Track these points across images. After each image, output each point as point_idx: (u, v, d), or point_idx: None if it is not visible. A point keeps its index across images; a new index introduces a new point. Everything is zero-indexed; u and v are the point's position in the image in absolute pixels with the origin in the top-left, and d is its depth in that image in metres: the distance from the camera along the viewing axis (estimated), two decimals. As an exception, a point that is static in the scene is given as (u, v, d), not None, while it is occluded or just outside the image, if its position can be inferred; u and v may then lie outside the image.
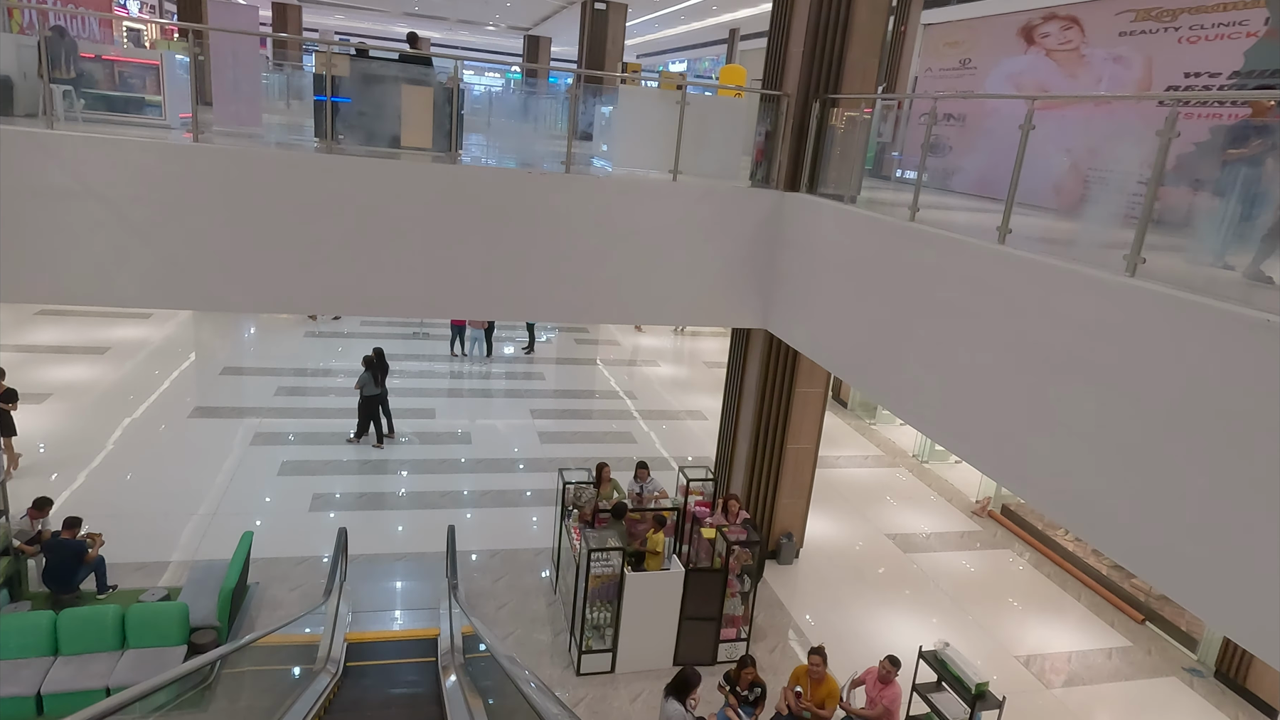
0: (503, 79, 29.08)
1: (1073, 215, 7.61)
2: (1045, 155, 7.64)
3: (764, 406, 10.25)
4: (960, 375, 6.06)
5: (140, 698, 4.34)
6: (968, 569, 11.40)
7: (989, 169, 9.32)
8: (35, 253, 7.44)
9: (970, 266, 6.07)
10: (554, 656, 8.56)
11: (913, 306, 6.71)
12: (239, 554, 8.49)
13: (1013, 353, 5.52)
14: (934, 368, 6.41)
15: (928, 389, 6.52)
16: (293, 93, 15.87)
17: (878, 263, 7.34)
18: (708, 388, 18.53)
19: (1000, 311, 5.69)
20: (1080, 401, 4.90)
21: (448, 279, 8.51)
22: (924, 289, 6.59)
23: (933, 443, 15.05)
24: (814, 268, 8.53)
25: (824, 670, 7.09)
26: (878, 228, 7.47)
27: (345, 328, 20.46)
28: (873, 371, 7.44)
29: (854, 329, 7.72)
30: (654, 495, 9.98)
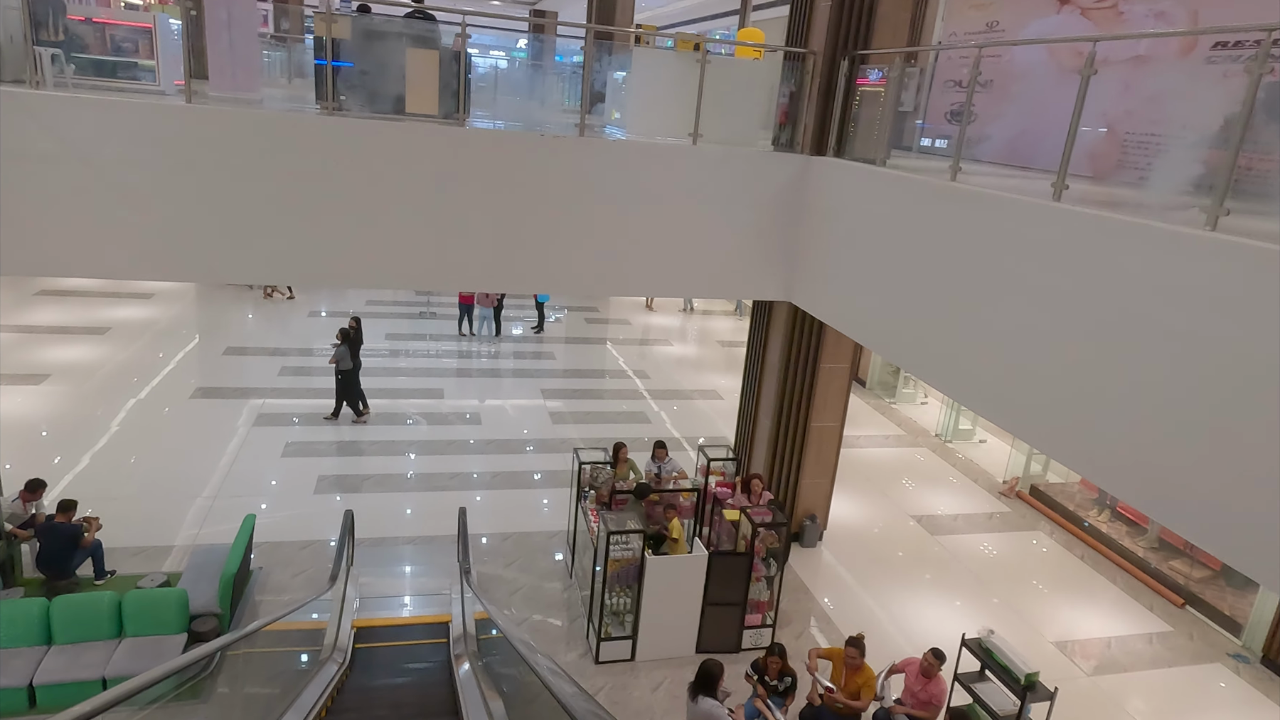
0: (508, 56, 28.43)
1: (1109, 181, 7.14)
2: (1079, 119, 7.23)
3: (787, 383, 9.81)
4: (1007, 343, 5.60)
5: (136, 692, 3.98)
6: (997, 551, 10.97)
7: (1017, 136, 8.82)
8: (16, 222, 7.00)
9: (1021, 226, 5.60)
10: (571, 643, 8.19)
11: (954, 272, 6.24)
12: (241, 538, 8.12)
13: (1070, 317, 5.06)
14: (978, 336, 5.95)
15: (970, 359, 6.07)
16: (294, 69, 15.39)
17: (915, 227, 6.86)
18: (721, 366, 18.09)
19: (1056, 273, 5.22)
20: (1149, 370, 4.45)
21: (455, 249, 8.07)
22: (967, 253, 6.12)
23: (956, 422, 14.60)
24: (842, 235, 8.05)
25: (861, 660, 6.69)
26: (915, 190, 6.99)
27: (349, 306, 20.04)
28: (907, 343, 6.98)
29: (886, 298, 7.25)
30: (672, 476, 9.57)
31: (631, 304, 23.04)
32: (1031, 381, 5.39)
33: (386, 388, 14.70)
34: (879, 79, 9.10)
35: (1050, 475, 12.81)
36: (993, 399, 5.96)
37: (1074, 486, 12.40)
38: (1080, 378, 4.94)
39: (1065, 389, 5.07)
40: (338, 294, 21.08)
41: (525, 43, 25.33)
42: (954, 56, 15.03)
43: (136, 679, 3.97)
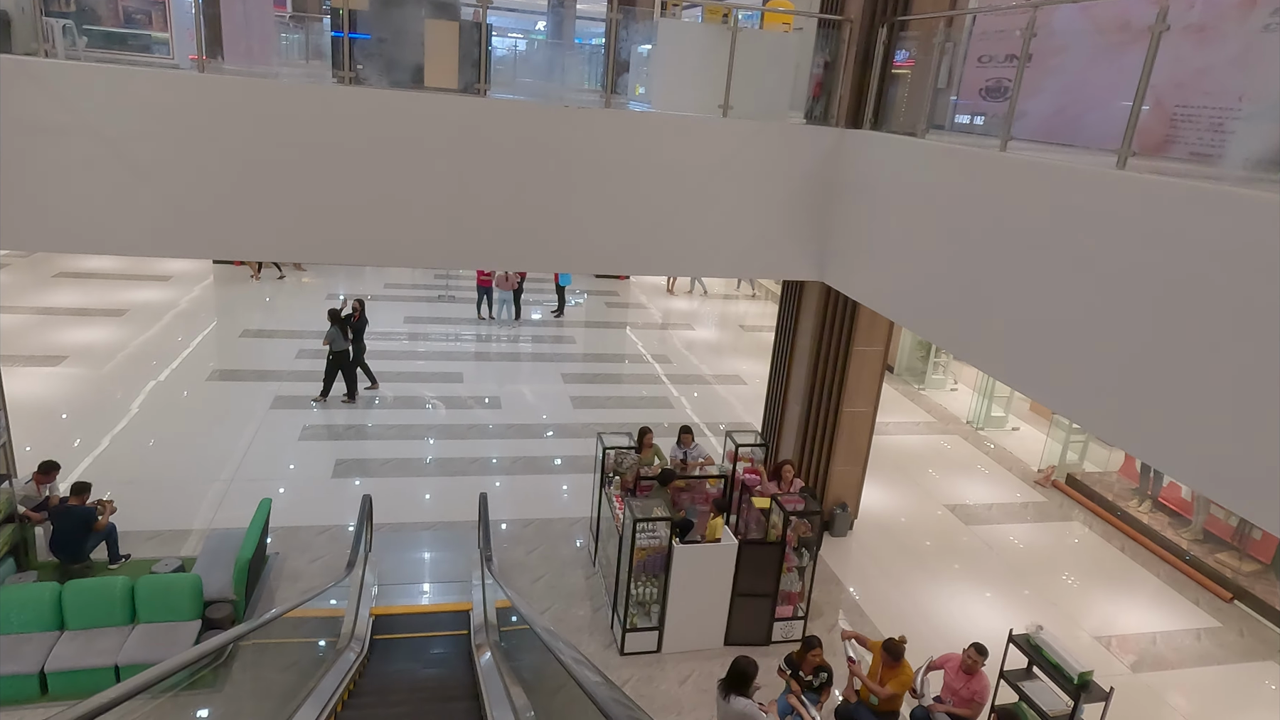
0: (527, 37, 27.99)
1: (1157, 157, 6.72)
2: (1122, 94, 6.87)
3: (818, 367, 9.45)
4: (1063, 321, 5.21)
5: (151, 685, 3.74)
6: (1033, 542, 10.59)
7: (1055, 112, 8.39)
8: (26, 196, 6.78)
9: (1081, 198, 5.20)
10: (595, 634, 7.93)
11: (1004, 248, 5.86)
12: (256, 522, 7.91)
13: (1137, 294, 4.67)
14: (1030, 315, 5.57)
15: (1022, 339, 5.68)
16: (312, 50, 15.12)
17: (961, 201, 6.47)
18: (744, 352, 17.73)
19: (1122, 246, 4.83)
20: (1229, 353, 4.07)
21: (475, 226, 7.77)
22: (1019, 227, 5.73)
23: (988, 409, 14.18)
24: (880, 211, 7.67)
25: (898, 661, 6.36)
26: (961, 161, 6.60)
27: (368, 289, 19.85)
28: (951, 323, 6.60)
29: (928, 277, 6.87)
30: (698, 462, 9.26)
31: (652, 288, 22.70)
32: (1092, 363, 5.02)
33: (405, 371, 14.49)
34: (906, 59, 8.75)
35: (1087, 464, 12.39)
36: (1046, 381, 5.58)
37: (1113, 476, 11.97)
38: (1150, 360, 4.57)
39: (1132, 372, 4.70)
40: (355, 276, 20.90)
41: (544, 24, 24.87)
42: (989, 31, 14.49)
43: (151, 671, 3.75)
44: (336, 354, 12.53)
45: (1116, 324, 4.78)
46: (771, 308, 22.21)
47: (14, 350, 13.30)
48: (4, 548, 7.48)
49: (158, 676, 3.80)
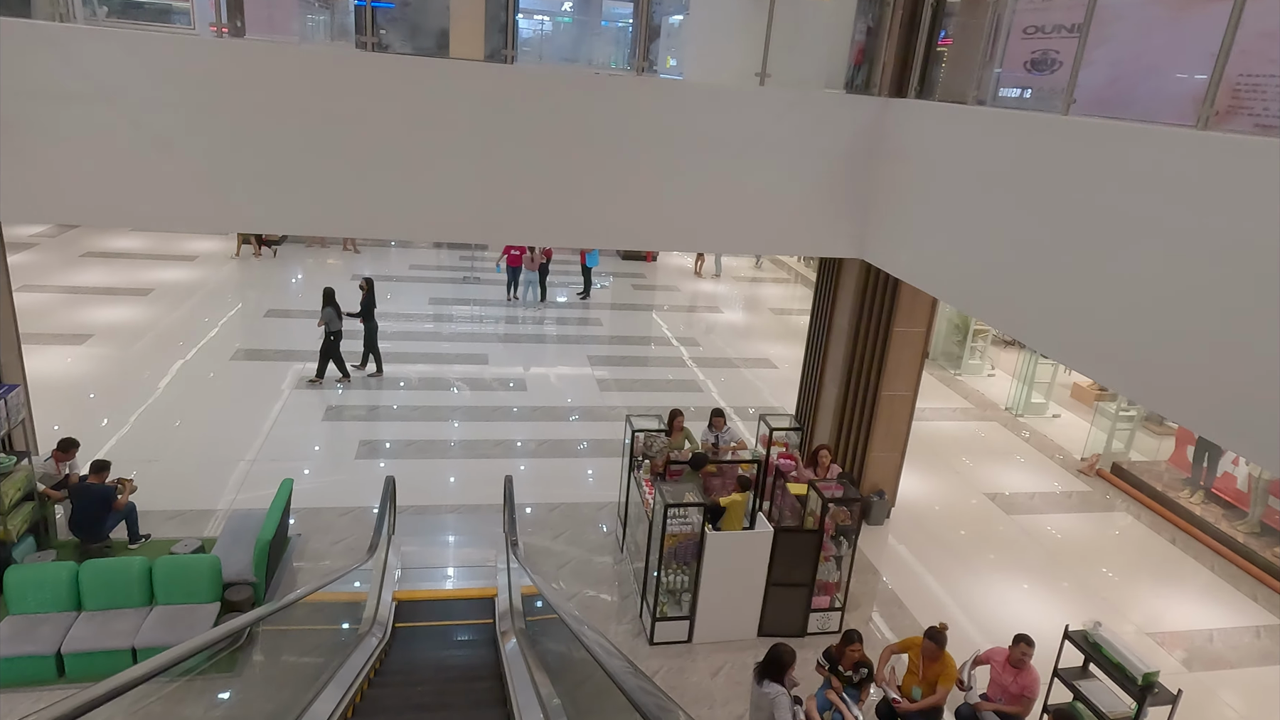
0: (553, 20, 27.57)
1: (1216, 129, 6.27)
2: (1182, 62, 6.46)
3: (856, 348, 9.08)
4: (1135, 297, 4.81)
5: (163, 669, 3.52)
6: (1078, 533, 10.16)
7: (1107, 85, 7.91)
8: (40, 166, 6.58)
9: (1160, 162, 4.79)
10: (623, 622, 7.66)
11: (1067, 219, 5.44)
12: (277, 503, 7.72)
13: (1223, 267, 4.26)
14: (1096, 291, 5.16)
15: (1087, 317, 5.28)
16: (337, 30, 14.88)
17: (1018, 170, 6.05)
18: (774, 335, 17.34)
19: (1205, 216, 4.42)
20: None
21: (500, 199, 7.47)
22: (1085, 197, 5.31)
23: (1027, 395, 13.69)
24: (926, 184, 7.25)
25: (940, 650, 6.02)
26: (1019, 127, 6.19)
27: (393, 270, 19.69)
28: (1005, 300, 6.19)
29: (980, 251, 6.46)
30: (730, 446, 8.94)
31: (677, 270, 22.34)
32: (1173, 345, 4.61)
33: (429, 352, 14.30)
34: (944, 39, 8.30)
35: (1134, 453, 11.90)
36: (1116, 364, 5.18)
37: (1161, 465, 11.49)
38: (1242, 342, 4.16)
39: (1222, 355, 4.29)
40: (381, 257, 20.73)
41: (571, 4, 24.43)
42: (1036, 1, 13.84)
43: (167, 654, 3.53)
44: (334, 335, 12.18)
45: (1200, 300, 4.37)
46: (800, 290, 21.78)
47: (41, 329, 13.26)
48: (23, 526, 7.35)
49: (174, 660, 3.60)
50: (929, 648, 5.98)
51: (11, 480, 7.28)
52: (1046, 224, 5.66)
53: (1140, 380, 4.95)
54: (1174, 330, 4.53)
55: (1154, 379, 4.77)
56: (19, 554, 7.27)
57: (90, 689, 2.64)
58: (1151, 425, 12.48)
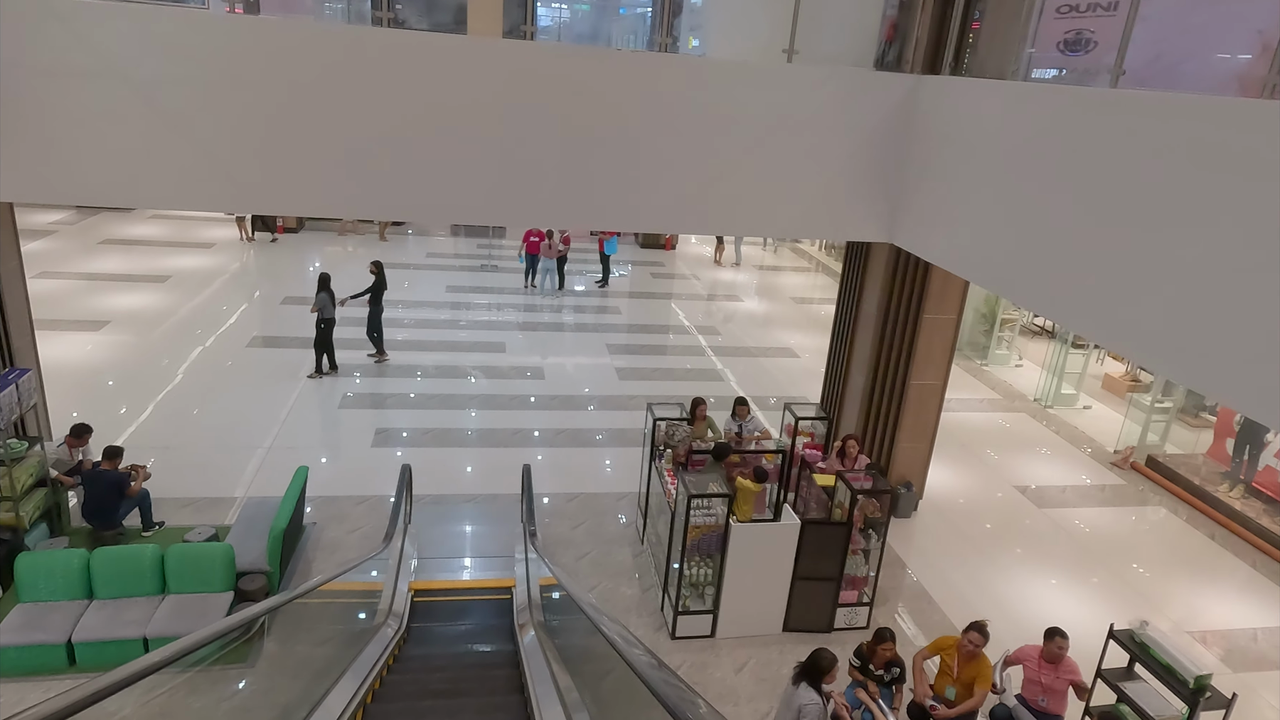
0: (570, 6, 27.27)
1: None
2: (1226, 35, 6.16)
3: (885, 335, 8.80)
4: (1195, 280, 4.51)
5: (173, 660, 3.36)
6: (1112, 527, 9.84)
7: (1144, 64, 7.57)
8: (48, 144, 6.44)
9: (1220, 136, 4.48)
10: (644, 615, 7.46)
11: (1115, 198, 5.15)
12: (292, 491, 7.57)
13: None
14: (1151, 274, 4.86)
15: (1142, 304, 4.97)
16: (354, 16, 14.72)
17: (1061, 148, 5.74)
18: (795, 324, 17.05)
19: (1273, 191, 4.11)
20: None
21: (519, 181, 7.26)
22: (1134, 174, 5.01)
23: (1058, 386, 13.33)
24: (962, 165, 6.95)
25: (979, 649, 5.77)
26: (1064, 101, 5.88)
27: (411, 259, 19.56)
28: (1049, 284, 5.89)
29: (1020, 234, 6.16)
30: (754, 436, 8.70)
31: (696, 259, 22.05)
32: (1231, 329, 4.32)
33: (447, 340, 14.14)
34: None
35: (1169, 446, 11.55)
36: (1162, 347, 4.89)
37: (1199, 458, 11.13)
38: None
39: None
40: (399, 246, 20.60)
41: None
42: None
43: (177, 644, 3.35)
44: (327, 323, 11.81)
45: (1261, 280, 4.07)
46: (821, 279, 21.45)
47: (59, 315, 13.23)
48: (35, 512, 7.25)
49: (185, 650, 3.42)
50: (967, 645, 5.71)
51: (24, 466, 7.18)
52: (1092, 203, 5.37)
53: (1195, 366, 4.66)
54: (1232, 313, 4.24)
55: (1210, 364, 4.48)
56: (31, 540, 7.17)
57: (99, 678, 2.49)
58: (1187, 417, 12.10)
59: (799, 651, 7.09)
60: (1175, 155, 4.72)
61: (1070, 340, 13.13)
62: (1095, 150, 5.38)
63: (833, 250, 23.38)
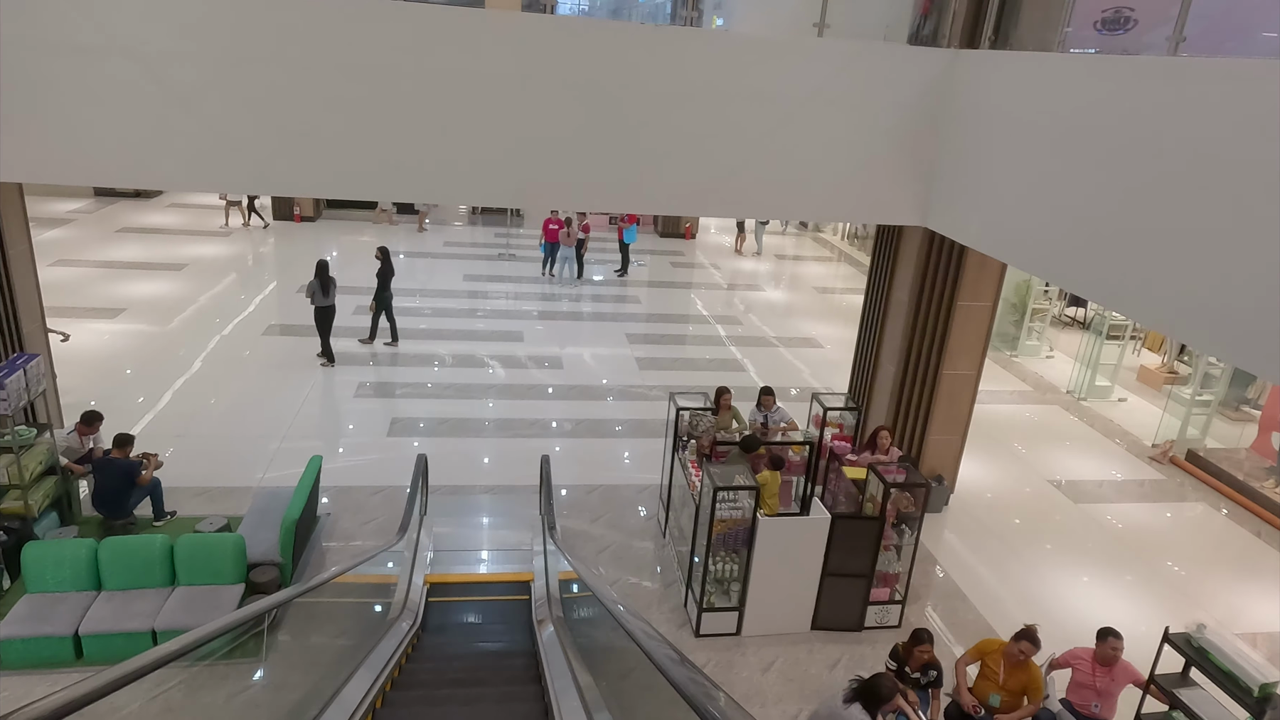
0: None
1: None
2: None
3: (917, 323, 8.47)
4: (1266, 263, 4.16)
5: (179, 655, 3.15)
6: (1152, 524, 9.47)
7: (1201, 34, 7.21)
8: (53, 123, 6.26)
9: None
10: (666, 611, 7.21)
11: (1173, 174, 4.79)
12: (305, 481, 7.37)
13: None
14: (1214, 255, 4.52)
15: (1202, 284, 4.63)
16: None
17: (1112, 122, 5.39)
18: (818, 314, 16.70)
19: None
20: None
21: (539, 161, 7.00)
22: (1196, 148, 4.67)
23: (1091, 378, 12.91)
24: (1001, 143, 6.61)
25: (1029, 657, 5.45)
26: (1117, 72, 5.53)
27: (429, 247, 19.38)
28: (1096, 266, 5.54)
29: (1066, 215, 5.81)
30: (781, 427, 8.40)
31: (715, 249, 21.71)
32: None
33: (464, 329, 13.94)
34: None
35: (1209, 440, 11.13)
36: (1229, 333, 4.55)
37: (1242, 453, 10.71)
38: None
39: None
40: (414, 235, 20.41)
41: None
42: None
43: (184, 638, 3.13)
44: (317, 310, 11.51)
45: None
46: (844, 269, 21.06)
47: (76, 303, 13.14)
48: (45, 501, 7.10)
49: (194, 644, 3.20)
50: (1018, 654, 5.38)
51: (33, 453, 7.03)
52: (1148, 180, 5.02)
53: (1261, 352, 4.32)
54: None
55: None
56: (41, 529, 7.03)
57: (104, 673, 2.33)
58: (1228, 411, 11.68)
59: (828, 651, 6.84)
60: (1242, 126, 4.37)
61: (1105, 331, 12.70)
62: (1151, 122, 5.03)
63: (855, 239, 22.96)
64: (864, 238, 22.40)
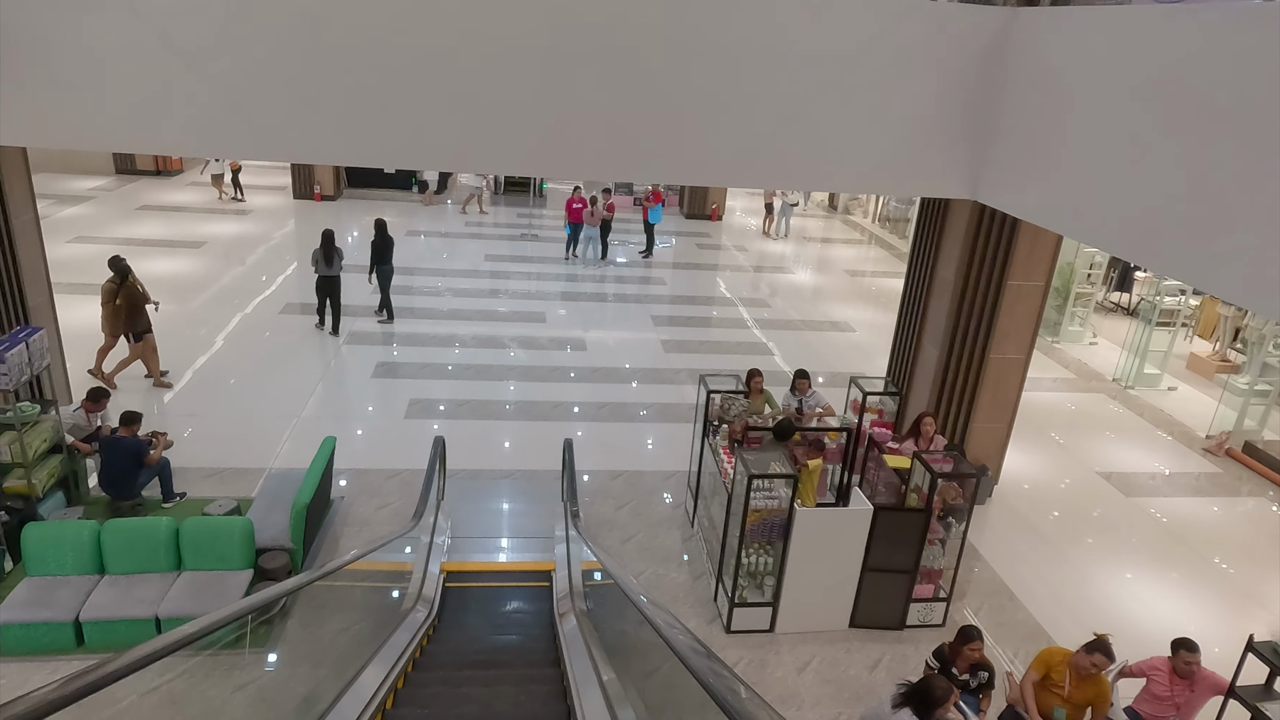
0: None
1: None
2: None
3: (963, 304, 7.97)
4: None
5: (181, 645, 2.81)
6: (1211, 519, 8.93)
7: None
8: (56, 84, 5.91)
9: None
10: (694, 606, 6.82)
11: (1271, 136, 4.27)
12: (318, 463, 7.04)
13: None
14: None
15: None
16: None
17: (1201, 80, 4.86)
18: (849, 297, 16.18)
19: None
20: None
21: (562, 127, 6.55)
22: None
23: (1140, 366, 12.31)
24: (1065, 108, 6.05)
25: (1099, 672, 4.99)
26: (1205, 21, 4.99)
27: (449, 227, 19.04)
28: (1184, 243, 5.02)
29: (1143, 185, 5.27)
30: (816, 412, 7.96)
31: (743, 230, 21.18)
32: None
33: (485, 310, 13.59)
34: None
35: (1267, 431, 10.53)
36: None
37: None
38: None
39: None
40: (438, 216, 20.09)
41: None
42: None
43: (186, 628, 2.82)
44: (320, 279, 11.54)
45: None
46: (875, 251, 20.49)
47: (93, 279, 12.92)
48: (50, 480, 6.83)
49: (198, 633, 2.89)
50: (1087, 664, 4.91)
51: (37, 430, 6.75)
52: (1245, 142, 4.49)
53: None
54: None
55: None
56: (46, 510, 6.77)
57: (103, 664, 2.16)
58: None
59: (868, 650, 6.42)
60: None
61: (1156, 317, 12.09)
62: (1254, 79, 4.50)
63: (886, 222, 22.33)
64: (896, 220, 21.77)
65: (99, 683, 2.11)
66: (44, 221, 15.63)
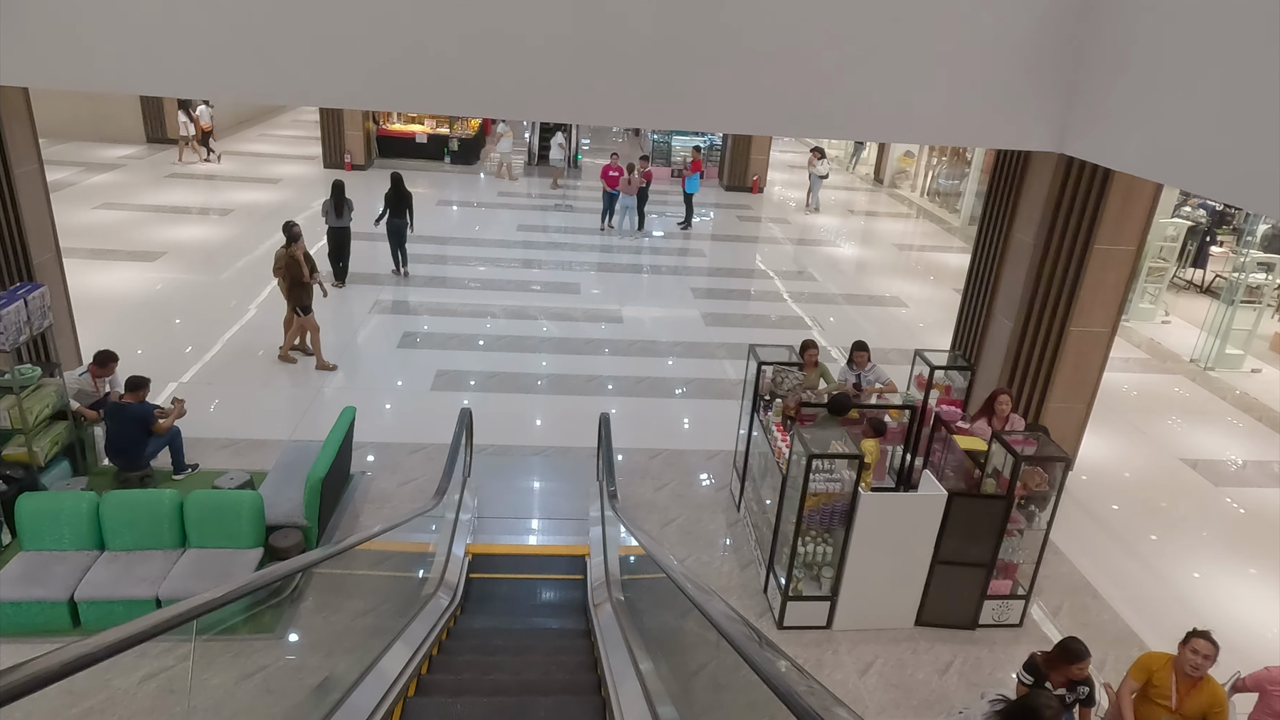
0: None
1: None
2: None
3: (1042, 270, 7.20)
4: None
5: (173, 624, 2.49)
6: (1311, 514, 8.10)
7: None
8: (54, 19, 5.39)
9: None
10: (743, 598, 6.20)
11: None
12: (335, 435, 6.53)
13: None
14: None
15: None
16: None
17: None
18: (899, 272, 15.35)
19: None
20: None
21: (599, 69, 5.91)
22: None
23: (1221, 346, 11.38)
24: (1175, 43, 5.25)
25: (1207, 668, 4.33)
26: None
27: (482, 197, 18.49)
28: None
29: (1273, 122, 4.49)
30: (876, 387, 7.27)
31: (780, 204, 20.33)
32: None
33: (517, 280, 13.04)
34: None
35: (1368, 418, 9.61)
36: None
37: None
38: None
39: None
40: (469, 186, 19.56)
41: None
42: None
43: (179, 606, 2.53)
44: (330, 230, 11.51)
45: None
46: (924, 225, 19.57)
47: (116, 245, 12.62)
48: (53, 448, 6.41)
49: (194, 611, 2.57)
50: (1193, 658, 4.25)
51: (39, 395, 6.33)
52: None
53: None
54: None
55: None
56: (49, 479, 6.35)
57: (87, 641, 1.95)
58: (1390, 385, 10.09)
59: (937, 652, 5.77)
60: None
61: (1240, 295, 11.14)
62: None
63: (936, 196, 21.31)
64: (946, 195, 20.76)
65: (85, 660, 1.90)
66: (72, 188, 15.44)
